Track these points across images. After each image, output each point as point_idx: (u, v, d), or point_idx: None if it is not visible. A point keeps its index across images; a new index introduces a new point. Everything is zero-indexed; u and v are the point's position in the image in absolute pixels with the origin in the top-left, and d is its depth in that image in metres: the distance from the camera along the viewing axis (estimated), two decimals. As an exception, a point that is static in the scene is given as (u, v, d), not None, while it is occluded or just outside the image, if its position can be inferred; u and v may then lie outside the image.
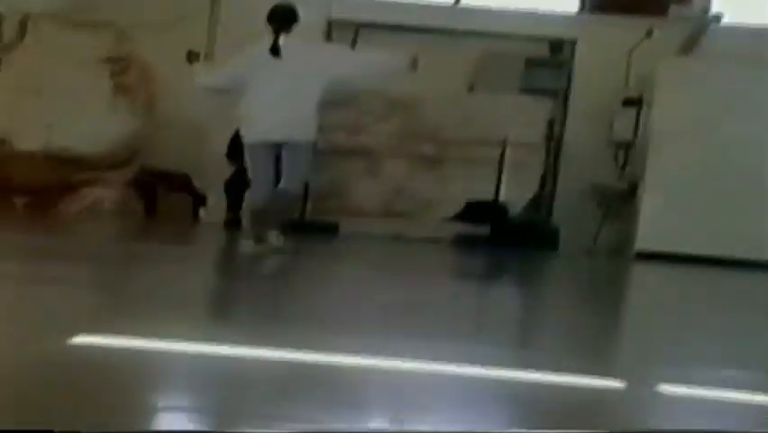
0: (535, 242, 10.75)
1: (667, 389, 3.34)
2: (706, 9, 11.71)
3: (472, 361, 3.46)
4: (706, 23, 11.22)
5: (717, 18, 11.28)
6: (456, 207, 11.06)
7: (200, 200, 11.46)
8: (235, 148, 9.30)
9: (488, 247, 10.65)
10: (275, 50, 7.37)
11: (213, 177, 11.08)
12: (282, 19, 7.44)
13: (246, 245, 7.52)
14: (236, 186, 9.91)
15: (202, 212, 11.41)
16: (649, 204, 10.45)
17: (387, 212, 11.31)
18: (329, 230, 10.69)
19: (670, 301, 7.07)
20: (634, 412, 3.01)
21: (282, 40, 7.38)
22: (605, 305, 6.56)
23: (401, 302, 5.39)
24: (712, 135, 10.33)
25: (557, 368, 3.45)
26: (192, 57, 7.87)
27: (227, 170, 10.66)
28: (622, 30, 11.37)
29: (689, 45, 11.03)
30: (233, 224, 10.33)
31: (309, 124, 7.50)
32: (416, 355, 3.47)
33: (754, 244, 10.21)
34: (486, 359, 3.56)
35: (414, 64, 7.59)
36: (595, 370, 3.56)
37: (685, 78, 10.46)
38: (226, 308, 5.02)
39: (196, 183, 11.49)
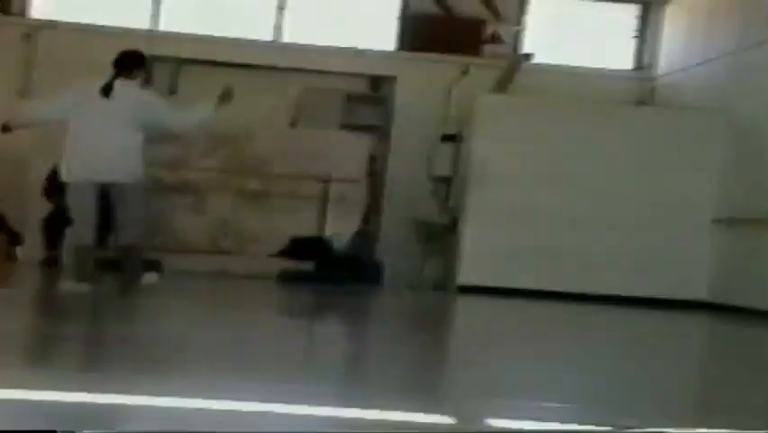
0: (359, 277, 10.83)
1: (487, 421, 3.45)
2: (517, 49, 12.20)
3: (298, 399, 3.49)
4: (518, 61, 11.65)
5: (528, 57, 11.73)
6: (281, 242, 11.06)
7: (15, 238, 11.09)
8: (53, 185, 9.08)
9: (312, 283, 10.67)
10: (106, 90, 7.24)
11: (29, 214, 10.76)
12: (122, 64, 7.38)
13: (67, 285, 7.37)
14: (55, 224, 9.67)
15: (18, 251, 11.04)
16: (469, 238, 10.68)
17: (211, 248, 11.23)
18: (152, 268, 10.48)
19: (487, 333, 7.28)
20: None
21: (118, 83, 7.28)
22: (425, 339, 6.69)
23: (224, 340, 5.37)
24: (528, 168, 10.66)
25: (383, 404, 3.51)
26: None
27: (45, 208, 10.37)
28: (439, 68, 11.70)
29: (503, 83, 11.42)
30: (50, 263, 10.06)
31: (135, 165, 7.39)
32: (239, 394, 3.47)
33: (571, 276, 10.51)
34: (311, 397, 3.59)
35: (226, 95, 7.51)
36: (416, 404, 3.64)
37: (500, 113, 10.79)
38: (44, 350, 4.89)
39: (11, 220, 11.10)
